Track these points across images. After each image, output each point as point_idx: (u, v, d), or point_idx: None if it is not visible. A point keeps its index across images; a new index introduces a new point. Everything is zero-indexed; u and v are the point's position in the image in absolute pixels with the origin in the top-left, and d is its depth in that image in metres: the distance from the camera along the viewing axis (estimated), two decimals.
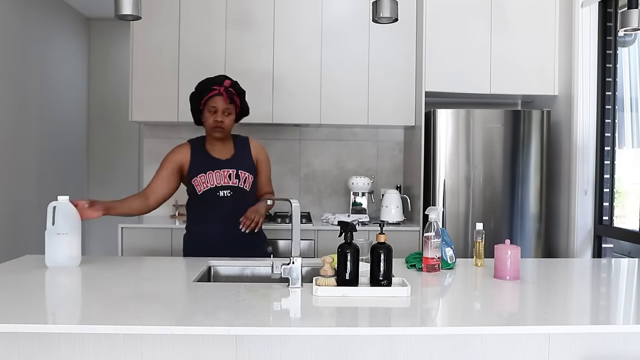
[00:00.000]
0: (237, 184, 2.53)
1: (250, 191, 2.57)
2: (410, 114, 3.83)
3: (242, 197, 2.53)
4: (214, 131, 2.52)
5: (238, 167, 2.55)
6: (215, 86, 2.51)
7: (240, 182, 2.53)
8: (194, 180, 2.51)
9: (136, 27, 3.73)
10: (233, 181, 2.52)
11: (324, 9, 3.82)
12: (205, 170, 2.51)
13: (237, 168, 2.54)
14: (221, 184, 2.50)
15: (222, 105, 2.49)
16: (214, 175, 2.51)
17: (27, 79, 4.54)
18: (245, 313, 1.59)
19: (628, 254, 3.52)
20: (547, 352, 1.66)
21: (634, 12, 2.43)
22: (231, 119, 2.54)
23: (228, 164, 2.54)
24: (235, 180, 2.52)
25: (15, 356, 1.59)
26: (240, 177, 2.53)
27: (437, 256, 2.13)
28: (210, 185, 2.50)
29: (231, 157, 2.57)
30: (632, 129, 3.54)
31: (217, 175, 2.51)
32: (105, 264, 2.29)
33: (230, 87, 2.53)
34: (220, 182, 2.50)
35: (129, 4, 2.06)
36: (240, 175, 2.53)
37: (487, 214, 3.56)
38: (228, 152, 2.59)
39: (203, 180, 2.50)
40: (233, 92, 2.52)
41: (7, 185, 4.21)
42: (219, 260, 2.32)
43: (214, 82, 2.53)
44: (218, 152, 2.58)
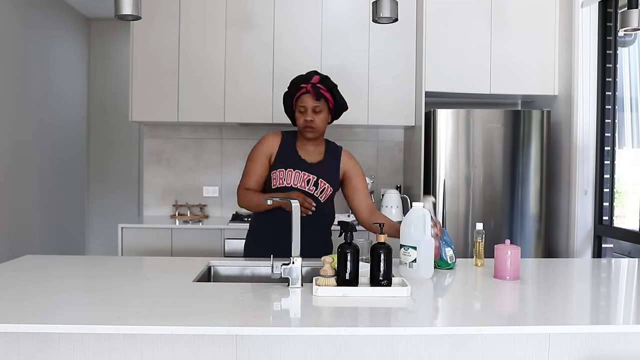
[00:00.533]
0: (313, 191, 2.35)
1: (323, 204, 2.38)
2: (410, 114, 3.83)
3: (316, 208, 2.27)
4: (306, 131, 2.35)
5: (320, 174, 2.37)
6: (303, 84, 2.35)
7: (317, 191, 2.36)
8: (273, 172, 2.36)
9: (136, 27, 3.73)
10: (310, 187, 2.35)
11: (324, 9, 3.82)
12: (286, 166, 2.36)
13: (319, 175, 2.37)
14: (297, 186, 2.34)
15: (310, 104, 2.33)
16: (293, 174, 2.35)
17: (28, 79, 4.54)
18: (245, 313, 1.59)
19: (628, 254, 3.51)
20: (547, 352, 1.66)
21: (634, 12, 2.42)
22: (322, 117, 2.36)
23: (312, 168, 2.38)
24: (312, 188, 2.35)
25: (15, 356, 1.59)
26: (318, 186, 2.36)
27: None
28: (286, 184, 2.34)
29: (318, 162, 2.41)
30: (632, 129, 3.54)
31: (296, 175, 2.35)
32: (105, 264, 2.29)
33: (319, 82, 2.35)
34: (297, 184, 2.34)
35: (129, 4, 2.06)
36: (319, 183, 2.36)
37: (487, 214, 3.56)
38: (317, 156, 2.42)
39: (281, 175, 2.35)
40: (322, 88, 2.34)
41: (8, 185, 4.21)
42: (219, 260, 2.32)
43: (302, 79, 2.38)
44: (306, 153, 2.41)
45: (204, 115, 3.80)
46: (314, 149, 2.43)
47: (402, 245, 2.05)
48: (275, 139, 2.42)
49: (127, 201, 5.84)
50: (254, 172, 2.37)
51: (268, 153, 2.39)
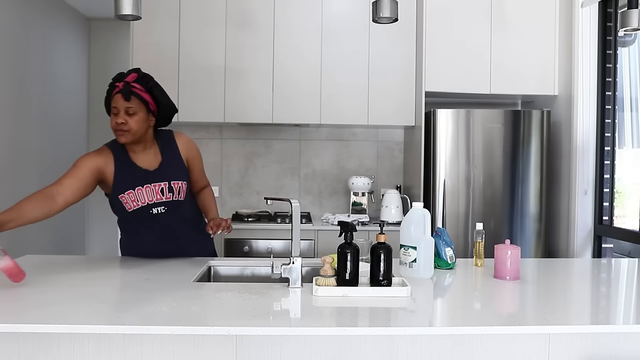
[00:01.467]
0: (171, 197, 2.22)
1: (185, 200, 2.28)
2: (410, 114, 3.83)
3: (177, 210, 2.25)
4: (117, 134, 2.15)
5: (170, 177, 2.22)
6: (118, 82, 2.13)
7: (175, 194, 2.23)
8: (121, 196, 2.17)
9: (136, 27, 3.73)
10: (167, 196, 2.21)
11: (324, 9, 3.82)
12: (133, 186, 2.17)
13: (169, 179, 2.21)
14: (153, 201, 2.19)
15: (122, 104, 2.10)
16: (144, 192, 2.18)
17: (28, 79, 4.54)
18: (245, 313, 1.59)
19: (628, 254, 3.51)
20: (547, 352, 1.66)
21: (634, 12, 2.43)
22: (138, 119, 2.13)
23: (158, 175, 2.21)
24: (169, 195, 2.21)
25: (15, 356, 1.59)
26: (174, 190, 2.22)
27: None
28: (142, 204, 2.18)
29: (159, 165, 2.23)
30: (632, 129, 3.54)
31: (147, 191, 2.19)
32: (105, 264, 2.29)
33: (135, 81, 2.13)
34: (152, 199, 2.19)
35: (129, 4, 2.06)
36: (173, 187, 2.22)
37: (487, 214, 3.56)
38: (155, 159, 2.24)
39: (132, 197, 2.17)
40: (136, 87, 2.12)
41: (8, 185, 4.21)
42: (219, 260, 2.32)
43: (118, 77, 2.16)
44: (143, 160, 2.22)
45: (204, 115, 3.80)
46: (149, 152, 2.23)
47: (402, 245, 2.05)
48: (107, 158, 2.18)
49: None
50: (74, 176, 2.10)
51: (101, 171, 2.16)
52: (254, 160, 4.19)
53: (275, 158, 4.21)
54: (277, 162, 4.20)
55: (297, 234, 1.87)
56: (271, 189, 4.18)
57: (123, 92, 2.10)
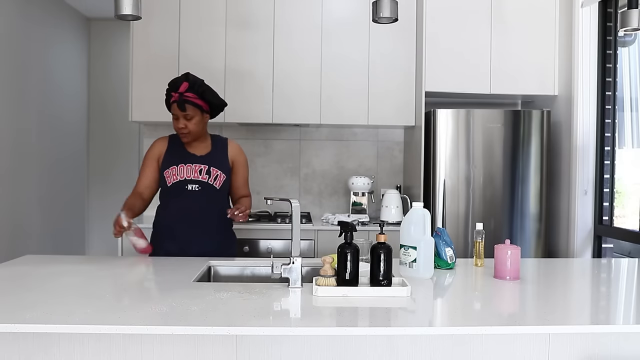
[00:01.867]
0: (207, 179, 2.49)
1: (220, 190, 2.53)
2: (410, 114, 3.83)
3: (211, 194, 2.50)
4: (181, 137, 2.52)
5: (211, 163, 2.52)
6: (173, 92, 2.47)
7: (211, 178, 2.50)
8: (165, 172, 2.49)
9: (136, 27, 3.73)
10: (203, 176, 2.49)
11: (324, 9, 3.82)
12: (177, 163, 2.50)
13: (209, 164, 2.51)
14: (190, 178, 2.48)
15: (179, 112, 2.45)
16: (184, 169, 2.49)
17: (28, 79, 4.54)
18: (245, 313, 1.59)
19: (628, 254, 3.51)
20: (547, 352, 1.66)
21: (634, 12, 2.43)
22: (195, 121, 2.48)
23: (202, 159, 2.53)
24: (205, 176, 2.49)
25: (15, 356, 1.59)
26: (211, 174, 2.50)
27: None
28: (180, 178, 2.48)
29: (207, 153, 2.56)
30: (632, 129, 3.54)
31: (188, 168, 2.49)
32: (106, 264, 2.29)
33: (188, 90, 2.45)
34: (190, 176, 2.48)
35: (129, 4, 2.06)
36: (211, 171, 2.50)
37: (487, 214, 3.56)
38: (205, 149, 2.58)
39: (174, 172, 2.48)
40: (190, 97, 2.45)
41: (8, 185, 4.21)
42: (219, 260, 2.32)
43: (172, 86, 2.49)
44: (194, 148, 2.56)
45: None
46: (201, 145, 2.57)
47: (402, 245, 2.05)
48: (162, 143, 2.58)
49: None
50: (143, 175, 2.54)
51: (156, 156, 2.54)
52: (254, 160, 4.19)
53: (275, 158, 4.21)
54: (277, 162, 4.21)
55: (297, 234, 1.87)
56: (271, 189, 4.18)
57: (178, 103, 2.43)
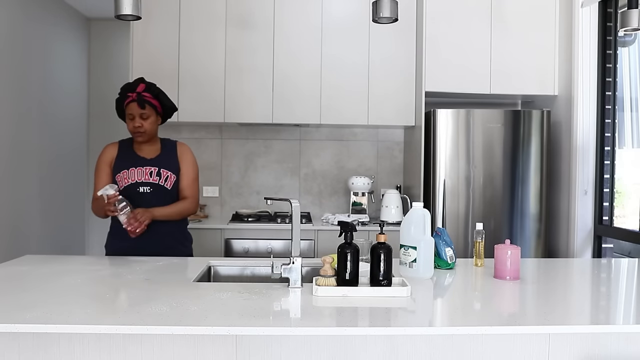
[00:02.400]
0: (157, 181, 2.56)
1: (171, 190, 2.59)
2: (410, 114, 3.83)
3: (162, 195, 2.56)
4: (136, 136, 2.57)
5: (161, 165, 2.59)
6: (130, 92, 2.55)
7: (162, 180, 2.56)
8: (117, 175, 2.55)
9: (136, 27, 3.73)
10: (154, 178, 2.56)
11: (324, 9, 3.82)
12: (127, 167, 2.56)
13: (159, 166, 2.58)
14: (142, 180, 2.54)
15: (137, 111, 2.52)
16: (135, 172, 2.55)
17: (28, 79, 4.54)
18: (245, 313, 1.59)
19: (628, 254, 3.51)
20: (547, 352, 1.66)
21: (634, 12, 2.43)
22: (150, 121, 2.56)
23: (152, 162, 2.59)
24: (156, 178, 2.56)
25: (15, 356, 1.59)
26: (161, 175, 2.57)
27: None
28: (131, 181, 2.54)
29: (157, 156, 2.62)
30: (632, 129, 3.54)
31: (139, 171, 2.56)
32: (106, 264, 2.29)
33: (145, 91, 2.55)
34: (141, 178, 2.54)
35: (129, 4, 2.06)
36: (162, 173, 2.57)
37: (487, 214, 3.56)
38: (154, 153, 2.63)
39: (125, 175, 2.55)
40: (146, 96, 2.54)
41: (8, 185, 4.21)
42: (219, 260, 2.32)
43: (128, 88, 2.57)
44: (144, 151, 2.62)
45: (204, 115, 3.80)
46: (150, 148, 2.63)
47: (402, 245, 2.05)
48: (112, 149, 2.64)
49: None
50: (99, 181, 2.57)
51: (108, 161, 2.60)
52: (254, 160, 4.19)
53: (275, 158, 4.21)
54: (277, 162, 4.21)
55: (297, 234, 1.87)
56: (271, 189, 4.18)
57: (138, 101, 2.51)
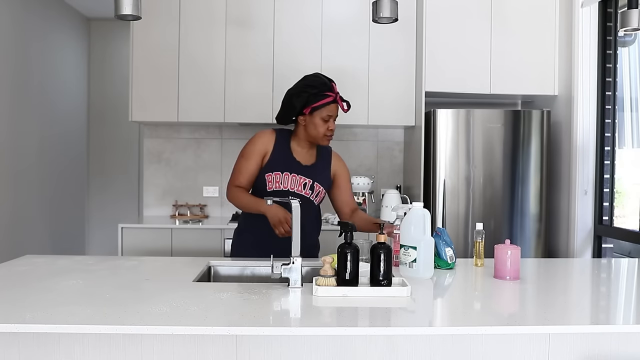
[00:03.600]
0: (309, 195, 2.36)
1: (318, 206, 2.44)
2: (410, 114, 3.83)
3: (308, 209, 2.32)
4: (324, 140, 2.34)
5: (316, 177, 2.37)
6: (329, 92, 2.30)
7: (313, 194, 2.37)
8: (268, 174, 2.33)
9: (136, 27, 3.73)
10: (306, 191, 2.35)
11: (324, 9, 3.82)
12: (282, 169, 2.33)
13: (314, 179, 2.36)
14: (294, 190, 2.33)
15: (336, 113, 2.33)
16: (289, 178, 2.33)
17: (27, 79, 4.54)
18: (245, 313, 1.59)
19: (628, 254, 3.51)
20: (547, 352, 1.66)
21: (634, 12, 2.42)
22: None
23: (308, 171, 2.37)
24: (308, 191, 2.35)
25: (15, 356, 1.59)
26: (314, 189, 2.37)
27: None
28: (283, 187, 2.32)
29: (312, 164, 2.39)
30: (632, 129, 3.54)
31: (292, 179, 2.33)
32: (105, 264, 2.29)
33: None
34: (294, 188, 2.33)
35: (129, 4, 2.06)
36: (315, 187, 2.36)
37: (487, 214, 3.56)
38: (310, 158, 2.41)
39: (277, 178, 2.32)
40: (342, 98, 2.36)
41: (7, 185, 4.21)
42: (219, 260, 2.32)
43: (324, 86, 2.31)
44: (301, 155, 2.38)
45: (204, 115, 3.80)
46: (308, 151, 2.41)
47: (402, 245, 2.05)
48: (269, 138, 2.37)
49: (127, 201, 5.84)
50: (246, 170, 2.34)
51: (262, 152, 2.35)
52: None
53: None
54: None
55: (297, 234, 1.87)
56: None
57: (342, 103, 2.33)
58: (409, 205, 2.13)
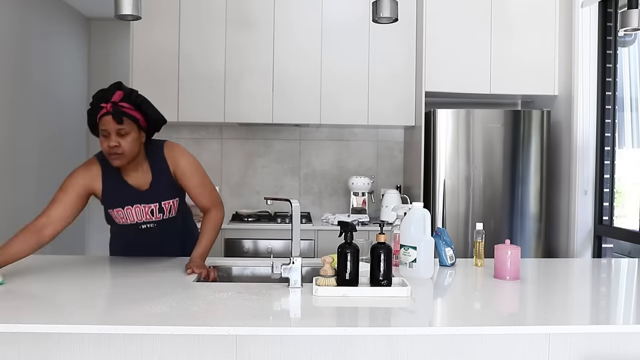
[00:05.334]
0: (161, 217, 2.19)
1: (177, 214, 2.24)
2: (410, 114, 3.83)
3: (168, 224, 2.22)
4: (112, 158, 2.03)
5: (160, 198, 2.15)
6: (103, 102, 2.01)
7: (165, 214, 2.19)
8: (110, 211, 2.16)
9: (136, 27, 3.73)
10: (157, 216, 2.18)
11: (324, 9, 3.82)
12: (122, 204, 2.12)
13: (159, 200, 2.15)
14: (143, 220, 2.16)
15: (113, 127, 1.99)
16: (133, 212, 2.13)
17: (27, 79, 4.54)
18: (245, 313, 1.59)
19: (628, 254, 3.51)
20: (547, 352, 1.66)
21: (634, 12, 2.43)
22: (131, 139, 2.02)
23: (148, 196, 2.14)
24: (159, 215, 2.18)
25: (15, 356, 1.59)
26: (164, 210, 2.17)
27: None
28: (130, 221, 2.16)
29: (150, 185, 2.14)
30: (632, 129, 3.54)
31: (137, 211, 2.14)
32: (105, 264, 2.29)
33: (123, 100, 2.02)
34: (141, 219, 2.16)
35: (129, 4, 2.06)
36: (164, 207, 2.17)
37: (487, 214, 3.56)
38: (145, 177, 2.14)
39: (122, 215, 2.14)
40: (125, 107, 2.01)
41: (7, 186, 4.21)
42: (219, 260, 2.32)
43: (101, 97, 2.04)
44: (134, 178, 2.13)
45: (204, 115, 3.80)
46: (138, 169, 2.14)
47: (402, 245, 2.05)
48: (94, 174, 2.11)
49: None
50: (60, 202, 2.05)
51: (88, 189, 2.11)
52: (254, 160, 4.19)
53: (275, 158, 4.21)
54: (277, 162, 4.20)
55: (297, 234, 1.87)
56: (271, 189, 4.18)
57: (113, 114, 1.98)
58: (409, 205, 2.13)
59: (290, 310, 1.73)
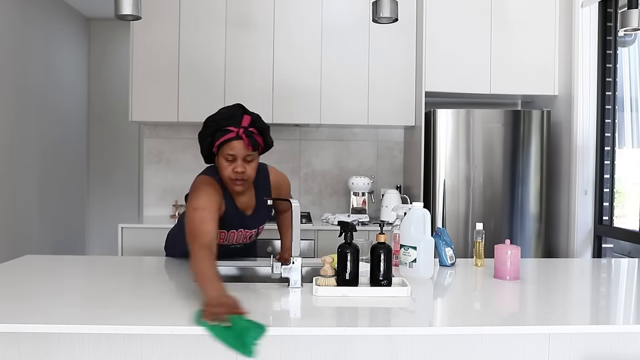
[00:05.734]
0: (254, 239, 2.30)
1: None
2: (410, 114, 3.83)
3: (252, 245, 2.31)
4: (235, 184, 1.98)
5: (260, 223, 2.19)
6: (232, 126, 1.95)
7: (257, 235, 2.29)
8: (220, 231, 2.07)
9: (136, 27, 3.73)
10: (252, 238, 2.27)
11: (324, 9, 3.81)
12: (228, 227, 2.10)
13: (259, 225, 2.20)
14: (239, 242, 2.21)
15: (242, 152, 1.94)
16: (235, 235, 2.15)
17: (28, 79, 4.54)
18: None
19: (628, 254, 3.52)
20: (547, 352, 1.66)
21: (634, 12, 2.43)
22: (255, 165, 1.99)
23: (252, 221, 2.15)
24: (254, 237, 2.28)
25: (15, 356, 1.59)
26: (258, 234, 2.28)
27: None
28: (228, 243, 2.18)
29: (254, 210, 2.15)
30: (632, 129, 3.54)
31: (239, 235, 2.16)
32: (105, 264, 2.29)
33: (251, 125, 1.96)
34: (239, 241, 2.20)
35: (129, 4, 2.06)
36: (259, 231, 2.26)
37: (487, 214, 3.56)
38: (251, 200, 2.13)
39: (223, 237, 2.12)
40: (255, 133, 1.96)
41: (8, 185, 4.21)
42: (218, 261, 2.31)
43: (229, 119, 1.98)
44: (242, 201, 2.11)
45: (204, 115, 3.72)
46: (247, 193, 2.11)
47: (402, 245, 2.05)
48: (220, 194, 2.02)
49: (127, 201, 5.84)
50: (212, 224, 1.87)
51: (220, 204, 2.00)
52: None
53: (275, 158, 4.20)
54: (277, 162, 4.20)
55: (297, 234, 1.87)
56: None
57: (248, 140, 1.93)
58: (409, 205, 2.13)
59: (290, 310, 1.73)
